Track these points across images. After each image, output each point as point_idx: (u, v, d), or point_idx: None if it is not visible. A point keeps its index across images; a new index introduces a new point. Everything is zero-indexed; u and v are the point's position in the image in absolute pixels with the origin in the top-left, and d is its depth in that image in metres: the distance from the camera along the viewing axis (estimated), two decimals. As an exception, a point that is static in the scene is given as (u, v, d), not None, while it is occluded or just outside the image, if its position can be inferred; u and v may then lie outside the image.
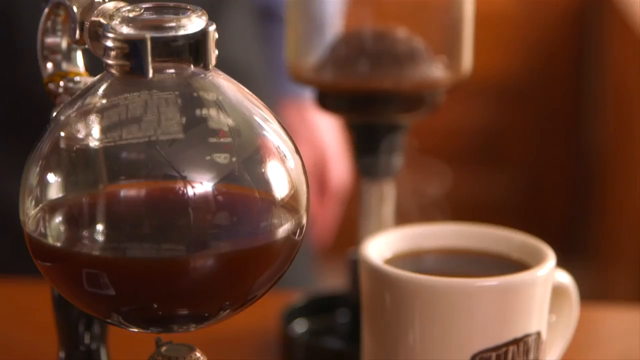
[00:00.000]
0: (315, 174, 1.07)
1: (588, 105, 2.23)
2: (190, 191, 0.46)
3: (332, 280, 0.90)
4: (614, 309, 0.81)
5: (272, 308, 0.73)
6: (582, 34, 2.22)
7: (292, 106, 1.08)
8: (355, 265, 0.67)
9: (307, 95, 0.94)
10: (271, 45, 1.04)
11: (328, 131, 1.10)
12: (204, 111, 0.47)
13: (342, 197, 1.13)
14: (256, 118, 0.48)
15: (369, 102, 0.65)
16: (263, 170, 0.47)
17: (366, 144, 0.67)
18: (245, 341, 0.71)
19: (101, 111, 0.47)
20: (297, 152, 0.49)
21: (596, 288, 1.97)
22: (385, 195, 0.68)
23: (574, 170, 2.25)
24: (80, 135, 0.47)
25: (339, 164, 1.10)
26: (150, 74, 0.46)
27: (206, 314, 0.48)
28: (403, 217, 0.70)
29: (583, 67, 2.23)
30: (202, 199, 0.46)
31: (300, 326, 0.72)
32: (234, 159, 0.47)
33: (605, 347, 0.73)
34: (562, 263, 0.58)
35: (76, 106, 0.48)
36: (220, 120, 0.47)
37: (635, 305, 0.82)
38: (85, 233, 0.46)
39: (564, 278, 0.59)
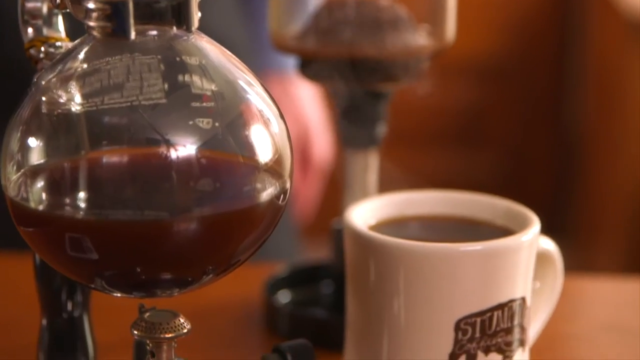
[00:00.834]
0: (298, 149, 1.07)
1: (570, 85, 2.23)
2: (173, 154, 0.45)
3: (315, 256, 0.90)
4: (596, 279, 0.81)
5: (256, 279, 0.73)
6: (565, 13, 2.22)
7: (275, 80, 1.07)
8: (339, 235, 0.66)
9: (290, 69, 0.93)
10: (254, 19, 1.03)
11: (311, 105, 1.10)
12: (187, 74, 0.47)
13: (324, 172, 1.12)
14: (240, 82, 0.48)
15: (352, 70, 0.65)
16: (247, 134, 0.47)
17: (349, 112, 0.66)
18: (229, 311, 0.71)
19: (83, 75, 0.47)
20: (281, 117, 0.49)
21: (578, 266, 1.98)
22: (369, 165, 0.68)
23: (556, 149, 2.25)
24: (62, 100, 0.47)
25: (322, 138, 1.10)
26: (133, 36, 0.46)
27: (189, 278, 0.47)
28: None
29: (565, 47, 2.23)
30: (185, 163, 0.45)
31: (283, 296, 0.71)
32: (217, 123, 0.46)
33: (588, 316, 0.74)
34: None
35: (57, 70, 0.48)
36: (204, 83, 0.47)
37: (616, 276, 0.82)
38: (67, 196, 0.45)
39: (549, 245, 0.59)
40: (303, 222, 1.16)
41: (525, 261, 0.54)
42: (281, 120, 0.49)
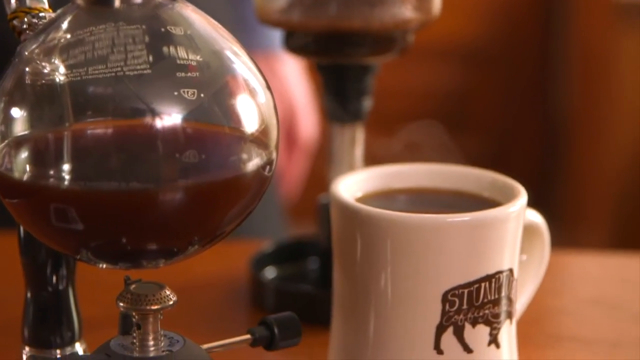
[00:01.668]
0: (284, 127, 1.07)
1: (555, 68, 2.23)
2: (158, 125, 0.45)
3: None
4: (581, 255, 0.82)
5: (242, 256, 0.73)
6: (549, -4, 2.22)
7: (261, 58, 1.07)
8: (325, 209, 0.66)
9: (276, 48, 0.93)
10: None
11: (297, 84, 1.09)
12: (172, 44, 0.46)
13: (310, 150, 1.12)
14: (226, 52, 0.48)
15: (338, 43, 0.64)
16: (233, 104, 0.47)
17: (335, 86, 0.66)
18: (216, 288, 0.71)
19: (66, 45, 0.47)
20: (267, 88, 0.49)
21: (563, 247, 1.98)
22: (356, 139, 0.67)
23: (541, 133, 2.26)
24: (46, 70, 0.46)
25: (308, 116, 1.10)
26: (117, 3, 0.46)
27: (175, 249, 0.47)
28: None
29: (550, 30, 2.23)
30: (171, 133, 0.45)
31: (269, 273, 0.71)
32: (202, 93, 0.46)
33: (573, 291, 0.74)
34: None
35: (40, 40, 0.47)
36: (189, 53, 0.46)
37: (601, 252, 0.82)
38: (52, 167, 0.45)
39: (536, 217, 0.59)
40: (289, 201, 1.16)
41: (512, 232, 0.54)
42: (267, 90, 0.49)
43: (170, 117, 0.45)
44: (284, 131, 1.07)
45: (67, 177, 0.45)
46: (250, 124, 0.47)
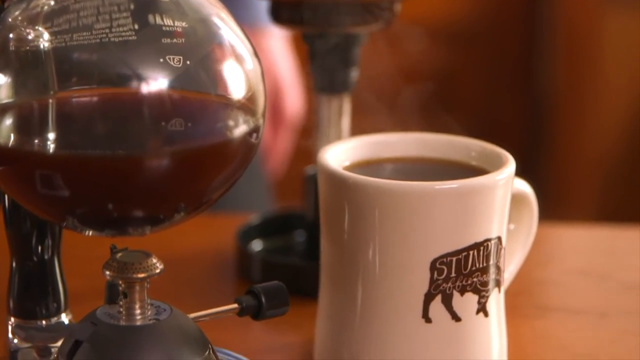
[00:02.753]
0: (270, 103, 1.06)
1: (540, 47, 2.23)
2: (144, 91, 0.45)
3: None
4: (569, 227, 0.82)
5: (228, 229, 0.73)
6: (534, -25, 2.22)
7: (248, 34, 1.06)
8: (312, 181, 0.66)
9: (262, 22, 0.92)
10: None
11: (283, 60, 1.08)
12: (158, 10, 0.46)
13: (295, 125, 1.11)
14: (213, 18, 0.47)
15: (325, 13, 0.64)
16: (219, 70, 0.47)
17: (322, 57, 0.66)
18: (202, 260, 0.71)
19: (51, 10, 0.46)
20: (255, 55, 0.48)
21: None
22: (343, 110, 0.67)
23: (526, 111, 2.26)
24: (30, 37, 0.46)
25: (294, 92, 1.09)
26: (102, -33, 0.45)
27: (161, 216, 0.47)
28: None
29: (535, 10, 2.23)
30: (157, 99, 0.45)
31: (256, 245, 0.71)
32: (189, 59, 0.46)
33: (561, 263, 0.74)
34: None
35: (24, 6, 0.47)
36: (175, 19, 0.46)
37: (588, 224, 0.82)
38: (38, 133, 0.45)
39: (524, 186, 0.58)
40: (275, 176, 1.16)
41: (500, 200, 0.54)
42: (255, 57, 0.48)
43: (156, 84, 0.45)
44: (269, 106, 1.06)
45: (52, 144, 0.45)
46: (237, 91, 0.47)
